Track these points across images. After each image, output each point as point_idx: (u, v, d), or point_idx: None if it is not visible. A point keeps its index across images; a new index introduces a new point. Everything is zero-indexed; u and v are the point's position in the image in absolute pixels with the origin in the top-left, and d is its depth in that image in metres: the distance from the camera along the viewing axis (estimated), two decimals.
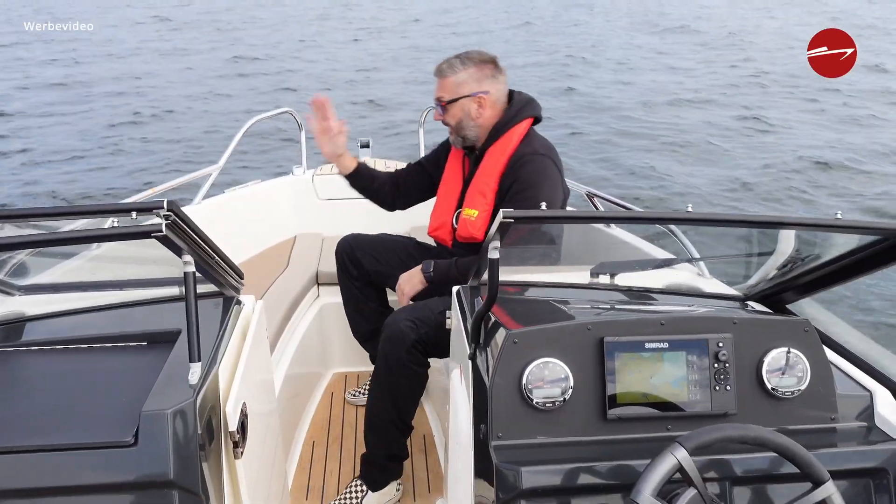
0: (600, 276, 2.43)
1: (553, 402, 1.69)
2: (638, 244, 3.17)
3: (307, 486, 2.99)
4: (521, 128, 2.79)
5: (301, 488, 2.97)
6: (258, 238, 4.12)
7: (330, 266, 3.45)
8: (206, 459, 1.61)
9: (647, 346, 1.72)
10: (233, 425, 1.72)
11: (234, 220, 3.92)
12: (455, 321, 2.32)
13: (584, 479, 1.61)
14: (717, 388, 1.73)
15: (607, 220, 3.05)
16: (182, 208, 1.54)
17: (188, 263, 1.67)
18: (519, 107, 2.81)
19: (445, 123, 2.86)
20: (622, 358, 1.71)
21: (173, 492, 1.51)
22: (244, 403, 1.81)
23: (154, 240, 1.56)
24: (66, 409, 1.66)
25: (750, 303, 2.29)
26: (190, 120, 13.03)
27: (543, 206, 1.85)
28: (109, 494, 1.50)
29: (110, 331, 2.01)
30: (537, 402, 1.69)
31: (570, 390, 1.70)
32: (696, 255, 2.91)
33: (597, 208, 3.43)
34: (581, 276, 2.44)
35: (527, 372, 1.69)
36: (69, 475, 1.49)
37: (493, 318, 1.89)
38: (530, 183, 2.70)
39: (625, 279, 2.45)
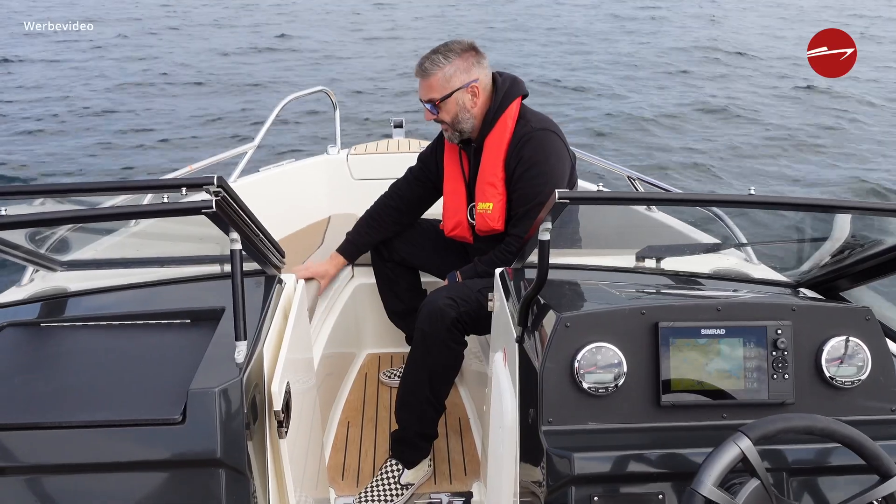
0: (646, 260, 2.38)
1: (605, 388, 1.66)
2: (682, 228, 3.11)
3: (343, 467, 2.98)
4: (513, 109, 2.74)
5: (337, 468, 2.96)
6: (292, 217, 4.10)
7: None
8: (251, 438, 1.59)
9: (704, 332, 1.68)
10: (278, 405, 1.70)
11: (268, 198, 3.90)
12: (497, 303, 2.29)
13: (637, 466, 1.57)
14: (775, 376, 1.68)
15: (660, 202, 2.99)
16: None
17: (235, 241, 1.64)
18: (505, 89, 2.76)
19: (439, 121, 2.79)
20: (677, 344, 1.67)
21: (220, 470, 1.49)
22: (287, 383, 1.79)
23: (197, 216, 1.54)
24: (113, 386, 1.65)
25: (802, 290, 2.23)
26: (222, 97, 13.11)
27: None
28: (157, 472, 1.49)
29: (153, 308, 2.00)
30: (589, 388, 1.65)
31: (623, 376, 1.66)
32: (744, 240, 2.84)
33: (637, 191, 3.36)
34: (625, 260, 2.39)
35: (579, 356, 1.66)
36: (117, 451, 1.48)
37: (541, 301, 1.85)
38: (535, 160, 2.67)
39: (671, 264, 2.40)
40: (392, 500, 2.72)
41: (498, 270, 2.31)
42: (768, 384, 1.68)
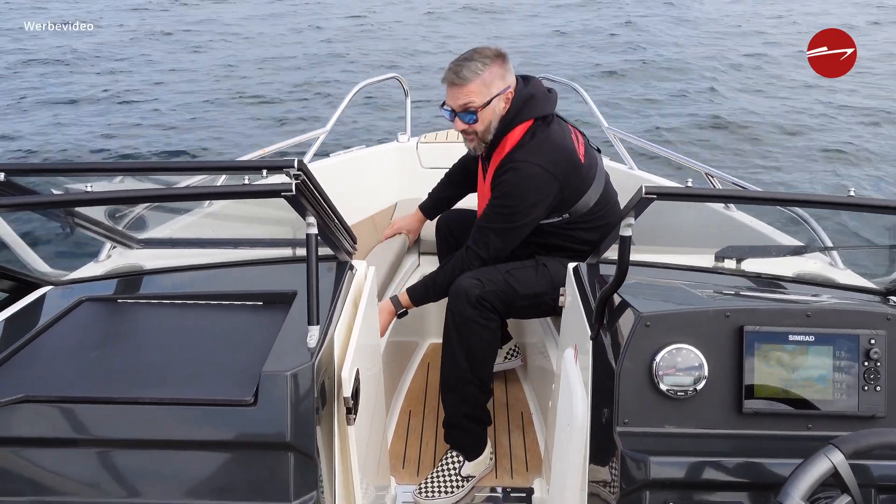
0: (726, 260, 2.30)
1: (685, 391, 1.60)
2: (762, 229, 3.00)
3: (403, 455, 2.97)
4: (515, 133, 2.64)
5: (398, 457, 2.96)
6: (361, 203, 4.11)
7: (430, 235, 3.45)
8: (320, 423, 1.58)
9: (791, 338, 1.60)
10: (347, 391, 1.69)
11: (338, 184, 3.91)
12: (570, 299, 2.23)
13: (715, 474, 1.51)
14: (866, 388, 1.60)
15: (750, 200, 2.86)
16: None
17: (311, 225, 1.63)
18: (517, 108, 2.63)
19: (468, 133, 2.69)
20: (763, 349, 1.60)
21: (289, 454, 1.49)
22: (357, 370, 1.78)
23: (271, 199, 1.53)
24: (186, 364, 1.66)
25: (893, 298, 2.11)
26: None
27: None
28: (226, 452, 1.50)
29: (226, 289, 2.01)
30: (667, 390, 1.60)
31: (704, 380, 1.60)
32: (829, 244, 2.71)
33: (715, 188, 3.25)
34: (702, 259, 2.31)
35: (658, 357, 1.60)
36: (188, 429, 1.48)
37: (619, 299, 1.79)
38: (509, 192, 2.61)
39: (752, 265, 2.31)
40: (452, 492, 2.71)
41: (571, 265, 2.26)
42: (858, 396, 1.60)
